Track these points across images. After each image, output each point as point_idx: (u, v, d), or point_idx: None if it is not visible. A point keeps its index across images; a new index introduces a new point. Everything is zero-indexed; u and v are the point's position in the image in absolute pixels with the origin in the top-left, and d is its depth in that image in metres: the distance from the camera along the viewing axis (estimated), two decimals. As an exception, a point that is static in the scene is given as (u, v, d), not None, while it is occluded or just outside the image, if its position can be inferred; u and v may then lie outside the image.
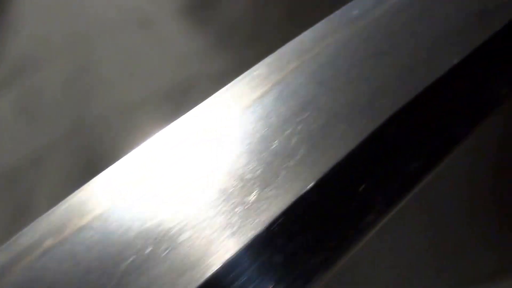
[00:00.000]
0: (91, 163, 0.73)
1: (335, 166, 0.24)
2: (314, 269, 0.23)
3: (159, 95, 0.74)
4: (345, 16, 0.30)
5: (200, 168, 0.26)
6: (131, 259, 0.23)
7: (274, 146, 0.24)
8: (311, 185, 0.23)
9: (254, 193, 0.24)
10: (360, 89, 0.26)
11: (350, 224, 0.24)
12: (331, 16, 0.32)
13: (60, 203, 0.27)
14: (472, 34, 0.26)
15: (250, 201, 0.24)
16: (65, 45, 0.72)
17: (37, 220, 0.26)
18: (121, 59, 0.74)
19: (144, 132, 0.74)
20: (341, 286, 0.81)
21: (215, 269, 0.22)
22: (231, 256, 0.23)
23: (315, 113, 0.25)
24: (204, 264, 0.23)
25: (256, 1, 0.76)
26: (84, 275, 0.23)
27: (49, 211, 0.26)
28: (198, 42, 0.75)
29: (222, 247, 0.23)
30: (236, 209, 0.23)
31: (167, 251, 0.23)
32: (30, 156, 0.72)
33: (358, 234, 0.24)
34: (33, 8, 0.70)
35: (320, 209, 0.24)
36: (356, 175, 0.24)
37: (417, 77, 0.25)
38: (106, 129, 0.74)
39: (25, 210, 0.73)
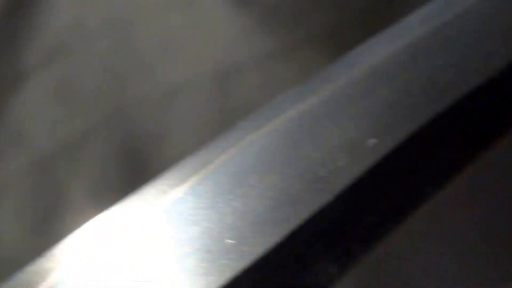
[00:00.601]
0: (131, 149, 0.74)
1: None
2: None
3: (201, 78, 0.74)
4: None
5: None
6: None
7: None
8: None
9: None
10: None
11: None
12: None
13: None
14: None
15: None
16: (103, 29, 0.72)
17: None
18: (161, 42, 0.75)
19: (184, 117, 0.74)
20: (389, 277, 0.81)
21: None
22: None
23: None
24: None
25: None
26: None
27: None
28: (240, 24, 0.75)
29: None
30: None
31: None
32: (67, 141, 0.73)
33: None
34: None
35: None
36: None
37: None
38: (146, 114, 0.74)
39: (62, 196, 0.73)
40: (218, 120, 0.75)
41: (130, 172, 0.76)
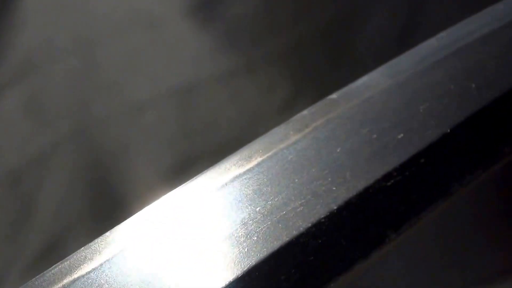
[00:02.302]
0: (96, 163, 0.75)
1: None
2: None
3: (164, 96, 0.75)
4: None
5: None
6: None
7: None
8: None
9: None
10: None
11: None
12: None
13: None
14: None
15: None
16: (69, 48, 0.72)
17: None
18: (127, 59, 0.74)
19: (149, 133, 0.75)
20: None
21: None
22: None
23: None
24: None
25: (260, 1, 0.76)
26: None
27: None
28: (203, 42, 0.75)
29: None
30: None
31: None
32: (35, 155, 0.73)
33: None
34: (38, 9, 0.71)
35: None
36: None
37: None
38: (111, 130, 0.74)
39: (30, 208, 0.74)
40: (181, 136, 0.76)
41: (96, 185, 0.76)
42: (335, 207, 0.25)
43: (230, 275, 0.24)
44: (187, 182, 0.27)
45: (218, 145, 0.76)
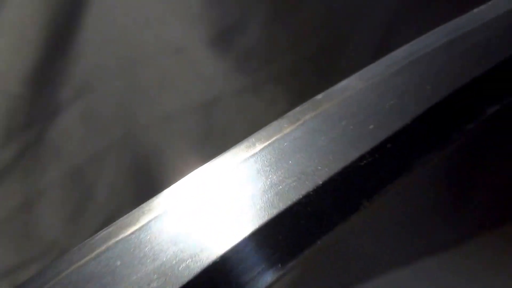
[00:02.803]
0: (141, 160, 0.75)
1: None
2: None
3: (190, 107, 0.75)
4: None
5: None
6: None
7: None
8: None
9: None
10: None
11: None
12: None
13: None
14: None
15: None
16: (116, 70, 0.72)
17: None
18: (160, 79, 0.74)
19: (179, 136, 0.75)
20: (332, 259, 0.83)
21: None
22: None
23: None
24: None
25: (269, 32, 0.76)
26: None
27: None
28: (219, 64, 0.75)
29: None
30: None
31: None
32: (92, 155, 0.73)
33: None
34: (91, 40, 0.70)
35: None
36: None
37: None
38: (151, 134, 0.75)
39: (89, 195, 0.74)
40: (203, 139, 0.76)
41: (140, 177, 0.76)
42: (320, 182, 0.25)
43: (240, 236, 0.23)
44: (207, 163, 0.27)
45: (232, 145, 0.76)
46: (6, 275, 0.71)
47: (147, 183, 0.75)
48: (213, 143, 0.76)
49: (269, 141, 0.26)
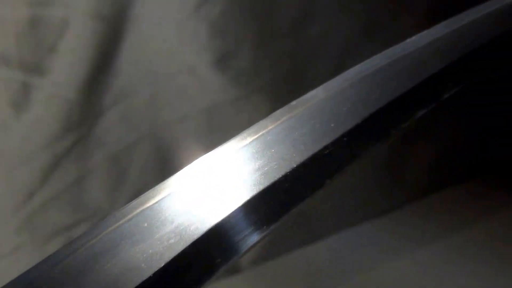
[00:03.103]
0: (161, 150, 0.75)
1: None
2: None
3: (200, 112, 0.75)
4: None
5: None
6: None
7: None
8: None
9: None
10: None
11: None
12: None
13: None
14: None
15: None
16: (147, 79, 0.73)
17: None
18: (178, 89, 0.75)
19: (191, 132, 0.75)
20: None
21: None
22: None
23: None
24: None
25: (255, 56, 0.76)
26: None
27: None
28: (223, 80, 0.75)
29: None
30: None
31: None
32: (126, 145, 0.73)
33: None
34: (129, 57, 0.70)
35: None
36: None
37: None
38: (172, 129, 0.75)
39: (123, 178, 0.74)
40: (207, 134, 0.77)
41: (161, 161, 0.76)
42: (295, 166, 0.24)
43: (235, 205, 0.23)
44: (209, 152, 0.26)
45: (229, 138, 0.77)
46: (63, 231, 0.71)
47: (166, 166, 0.75)
48: (214, 137, 0.76)
49: (257, 135, 0.26)
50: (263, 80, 0.77)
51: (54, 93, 0.67)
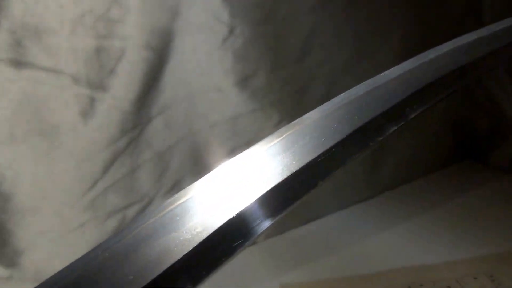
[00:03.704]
0: (196, 150, 0.75)
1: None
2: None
3: (225, 120, 0.75)
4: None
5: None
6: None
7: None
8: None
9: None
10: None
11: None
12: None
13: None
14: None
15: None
16: (183, 97, 0.72)
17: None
18: (206, 102, 0.74)
19: (217, 136, 0.75)
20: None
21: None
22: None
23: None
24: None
25: (269, 78, 0.76)
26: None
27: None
28: (243, 96, 0.75)
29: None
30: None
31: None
32: (169, 147, 0.73)
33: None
34: (170, 79, 0.70)
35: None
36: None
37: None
38: (202, 136, 0.75)
39: (165, 172, 0.74)
40: (231, 138, 0.76)
41: (196, 159, 0.76)
42: (294, 170, 0.25)
43: (256, 195, 0.24)
44: (231, 159, 0.26)
45: (247, 141, 0.77)
46: (119, 211, 0.71)
47: (199, 162, 0.75)
48: (236, 140, 0.76)
49: (264, 148, 0.26)
50: (274, 97, 0.77)
51: (113, 105, 0.67)
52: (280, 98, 0.77)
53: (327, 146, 0.26)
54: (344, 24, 0.79)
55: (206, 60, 0.71)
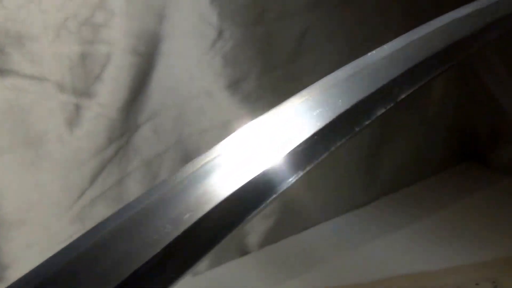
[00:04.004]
0: (185, 157, 0.73)
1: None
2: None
3: (219, 124, 0.73)
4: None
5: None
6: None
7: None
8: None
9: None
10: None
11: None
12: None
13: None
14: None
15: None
16: (172, 103, 0.71)
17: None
18: (198, 108, 0.73)
19: (209, 142, 0.74)
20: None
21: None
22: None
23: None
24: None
25: (260, 82, 0.75)
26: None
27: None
28: (234, 98, 0.73)
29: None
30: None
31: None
32: (157, 154, 0.71)
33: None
34: (157, 85, 0.69)
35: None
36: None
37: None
38: (192, 142, 0.73)
39: (155, 179, 0.72)
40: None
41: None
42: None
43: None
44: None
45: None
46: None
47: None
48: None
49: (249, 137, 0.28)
50: (265, 101, 0.76)
51: (100, 113, 0.65)
52: (271, 103, 0.75)
53: (309, 134, 0.24)
54: (336, 25, 0.78)
55: (195, 64, 0.70)
